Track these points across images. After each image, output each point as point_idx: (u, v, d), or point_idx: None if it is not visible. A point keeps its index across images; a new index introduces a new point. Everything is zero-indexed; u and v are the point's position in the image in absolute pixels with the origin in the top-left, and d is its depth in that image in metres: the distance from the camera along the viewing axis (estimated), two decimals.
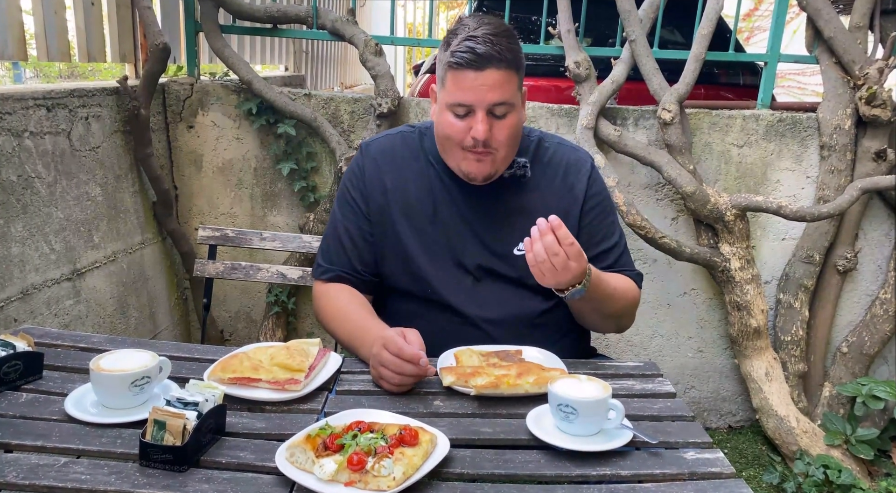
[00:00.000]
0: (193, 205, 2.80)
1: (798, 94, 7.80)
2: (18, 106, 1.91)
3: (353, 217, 1.54)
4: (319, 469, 0.97)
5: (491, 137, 1.37)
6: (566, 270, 1.27)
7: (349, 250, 1.54)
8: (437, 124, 1.45)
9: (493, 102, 1.35)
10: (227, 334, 2.95)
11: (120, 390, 1.12)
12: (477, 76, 1.33)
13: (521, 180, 1.50)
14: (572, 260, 1.27)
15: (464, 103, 1.36)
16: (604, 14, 2.72)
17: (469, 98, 1.35)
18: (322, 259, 1.58)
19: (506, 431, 1.16)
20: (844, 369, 2.77)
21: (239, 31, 2.87)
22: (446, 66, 1.37)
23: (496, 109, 1.36)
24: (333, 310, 1.52)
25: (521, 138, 1.50)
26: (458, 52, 1.34)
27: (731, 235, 2.62)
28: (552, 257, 1.26)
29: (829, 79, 2.66)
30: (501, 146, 1.40)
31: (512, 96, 1.37)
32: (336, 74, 6.13)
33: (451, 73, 1.36)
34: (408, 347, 1.24)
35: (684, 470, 1.07)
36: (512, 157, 1.47)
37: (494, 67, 1.33)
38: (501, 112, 1.37)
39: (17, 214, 1.91)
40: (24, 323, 1.90)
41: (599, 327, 1.60)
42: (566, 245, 1.26)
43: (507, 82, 1.36)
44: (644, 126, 2.70)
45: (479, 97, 1.34)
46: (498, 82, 1.34)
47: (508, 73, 1.35)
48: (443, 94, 1.40)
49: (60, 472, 0.98)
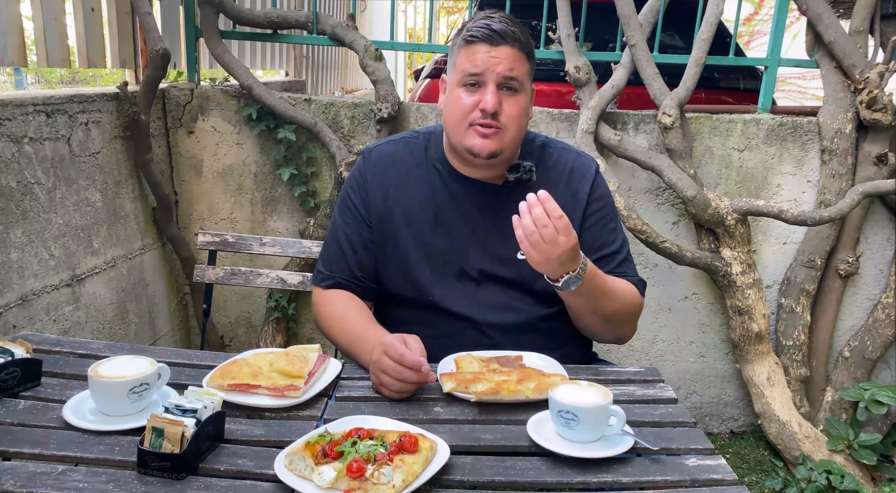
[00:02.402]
0: (193, 210, 2.79)
1: (799, 98, 7.81)
2: (18, 112, 1.91)
3: (354, 224, 1.54)
4: (319, 477, 0.96)
5: (500, 111, 1.39)
6: (555, 243, 1.26)
7: (349, 256, 1.54)
8: (446, 107, 1.47)
9: (504, 75, 1.38)
10: (227, 340, 2.95)
11: (118, 397, 1.11)
12: (490, 49, 1.37)
13: (527, 184, 1.50)
14: (561, 234, 1.26)
15: (475, 73, 1.38)
16: (604, 19, 2.73)
17: (481, 68, 1.38)
18: (322, 266, 1.58)
19: (506, 437, 1.15)
20: (846, 373, 2.76)
21: (239, 37, 2.88)
22: (461, 42, 1.40)
23: (507, 83, 1.39)
24: (333, 316, 1.51)
25: (526, 140, 1.52)
26: (474, 27, 1.38)
27: (732, 239, 2.62)
28: (541, 229, 1.25)
29: (829, 83, 2.66)
30: (510, 123, 1.41)
31: (522, 77, 1.40)
32: (336, 79, 6.14)
33: (464, 49, 1.40)
34: (409, 353, 1.23)
35: (686, 477, 1.06)
36: (518, 141, 1.47)
37: (509, 45, 1.37)
38: (512, 86, 1.39)
39: (16, 220, 1.91)
40: (23, 329, 1.89)
41: (599, 332, 1.56)
42: (554, 218, 1.26)
43: (520, 63, 1.39)
44: (644, 130, 2.70)
45: (490, 68, 1.37)
46: (510, 58, 1.38)
47: (521, 55, 1.39)
48: (453, 74, 1.43)
49: (58, 480, 0.97)
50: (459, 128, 1.43)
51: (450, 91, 1.44)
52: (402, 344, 1.26)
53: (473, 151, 1.42)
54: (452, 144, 1.48)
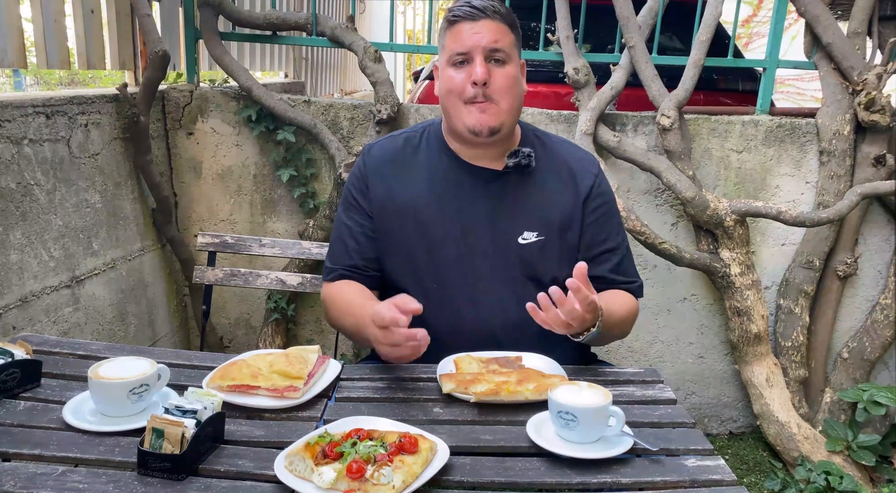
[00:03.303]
0: (193, 212, 2.79)
1: (797, 99, 7.80)
2: (18, 113, 1.91)
3: (355, 215, 1.57)
4: (318, 478, 0.96)
5: (490, 82, 1.41)
6: (582, 323, 1.31)
7: (351, 248, 1.56)
8: (440, 90, 1.49)
9: (488, 47, 1.40)
10: (226, 341, 2.95)
11: (118, 398, 1.12)
12: (473, 26, 1.41)
13: (526, 170, 1.52)
14: (588, 314, 1.29)
15: (461, 51, 1.41)
16: (603, 20, 2.73)
17: (466, 45, 1.41)
18: (328, 262, 1.62)
19: (506, 438, 1.15)
20: (845, 374, 2.77)
21: (238, 39, 2.88)
22: (445, 25, 1.43)
23: (494, 54, 1.41)
24: (339, 305, 1.53)
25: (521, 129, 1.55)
26: (455, 8, 1.42)
27: (730, 240, 2.62)
28: (567, 315, 1.28)
29: (827, 84, 2.66)
30: (502, 95, 1.43)
31: (508, 48, 1.43)
32: (335, 81, 6.15)
33: (449, 31, 1.43)
34: (386, 313, 1.21)
35: (685, 478, 1.06)
36: (516, 113, 1.48)
37: (489, 18, 1.41)
38: (499, 58, 1.42)
39: (16, 221, 1.91)
40: (23, 331, 1.89)
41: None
42: (583, 305, 1.27)
43: (503, 34, 1.42)
44: (643, 132, 2.70)
45: (475, 44, 1.40)
46: (493, 30, 1.41)
47: (503, 26, 1.42)
48: (442, 55, 1.46)
49: (58, 481, 0.97)
50: (456, 108, 1.45)
51: (441, 74, 1.48)
52: (387, 308, 1.23)
53: (475, 130, 1.44)
54: (453, 126, 1.49)
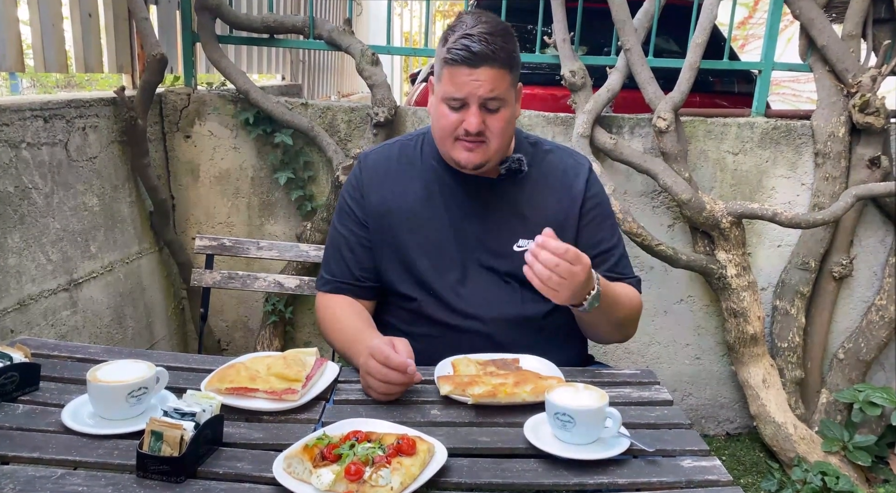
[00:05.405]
0: (190, 215, 2.80)
1: (793, 101, 7.83)
2: (15, 117, 1.91)
3: (351, 225, 1.57)
4: (317, 480, 0.97)
5: (484, 129, 1.43)
6: (572, 275, 1.28)
7: (348, 258, 1.57)
8: (433, 115, 1.50)
9: (485, 97, 1.40)
10: (224, 344, 2.95)
11: (117, 401, 1.12)
12: (471, 72, 1.38)
13: (518, 175, 1.53)
14: (574, 264, 1.28)
15: (457, 98, 1.41)
16: (599, 23, 2.74)
17: (463, 93, 1.40)
18: (324, 271, 1.62)
19: (503, 440, 1.16)
20: (841, 375, 2.78)
21: (236, 42, 2.88)
22: (442, 61, 1.42)
23: (489, 103, 1.41)
24: (332, 320, 1.55)
25: (515, 137, 1.56)
26: (454, 48, 1.39)
27: (727, 242, 2.63)
28: (554, 269, 1.27)
29: (822, 87, 2.68)
30: (494, 136, 1.44)
31: (504, 93, 1.42)
32: (333, 83, 6.15)
33: (446, 69, 1.41)
34: (395, 355, 1.25)
35: (681, 478, 1.07)
36: (504, 150, 1.50)
37: (488, 66, 1.38)
38: (494, 106, 1.42)
39: (13, 224, 1.91)
40: (21, 334, 1.89)
41: (609, 337, 1.60)
42: (561, 254, 1.27)
43: (501, 80, 1.41)
44: (639, 134, 2.71)
45: (472, 92, 1.40)
46: (491, 79, 1.39)
47: (502, 71, 1.40)
48: (439, 87, 1.46)
49: (57, 484, 0.97)
50: (445, 142, 1.47)
51: (436, 104, 1.47)
52: (390, 347, 1.27)
53: (460, 164, 1.47)
54: (440, 150, 1.52)
